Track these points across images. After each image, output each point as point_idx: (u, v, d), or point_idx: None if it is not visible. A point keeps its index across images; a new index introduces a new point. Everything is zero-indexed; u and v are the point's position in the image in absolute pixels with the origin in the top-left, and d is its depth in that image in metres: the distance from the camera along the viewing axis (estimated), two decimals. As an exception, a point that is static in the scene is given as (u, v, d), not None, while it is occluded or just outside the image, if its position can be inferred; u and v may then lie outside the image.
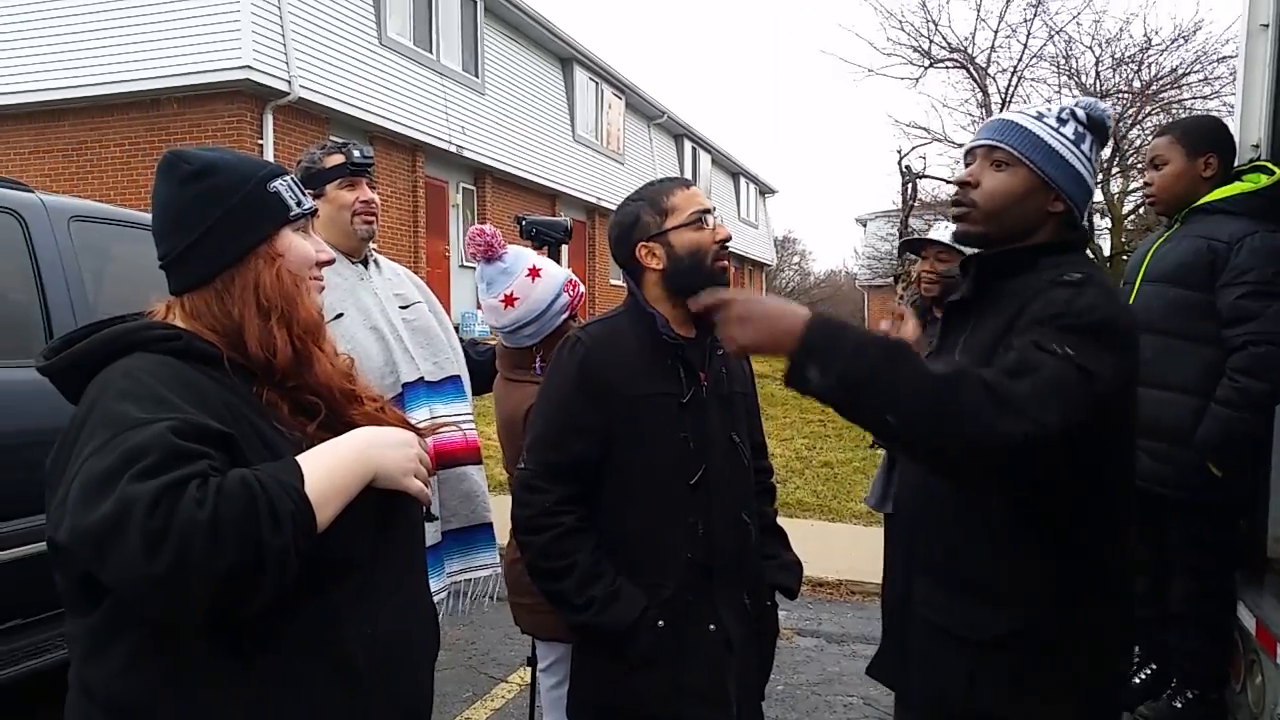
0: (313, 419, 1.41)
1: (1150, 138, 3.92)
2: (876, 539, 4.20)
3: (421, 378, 2.64)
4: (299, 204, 1.48)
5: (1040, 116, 1.76)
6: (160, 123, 11.75)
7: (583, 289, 2.76)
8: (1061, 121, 1.76)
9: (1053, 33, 14.22)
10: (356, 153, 2.65)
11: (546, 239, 2.99)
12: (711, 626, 2.11)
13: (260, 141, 11.62)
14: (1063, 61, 14.65)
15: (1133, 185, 14.63)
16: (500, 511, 2.67)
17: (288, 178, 1.49)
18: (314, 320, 1.46)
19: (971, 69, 14.53)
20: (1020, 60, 14.16)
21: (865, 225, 31.54)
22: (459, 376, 2.76)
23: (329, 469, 1.28)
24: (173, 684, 1.26)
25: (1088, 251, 1.92)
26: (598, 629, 2.06)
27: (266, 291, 1.41)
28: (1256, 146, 3.08)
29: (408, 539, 1.51)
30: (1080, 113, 1.76)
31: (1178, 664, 3.07)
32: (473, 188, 16.67)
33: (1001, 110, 11.29)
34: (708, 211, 2.15)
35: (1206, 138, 3.08)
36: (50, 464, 1.29)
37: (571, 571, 2.05)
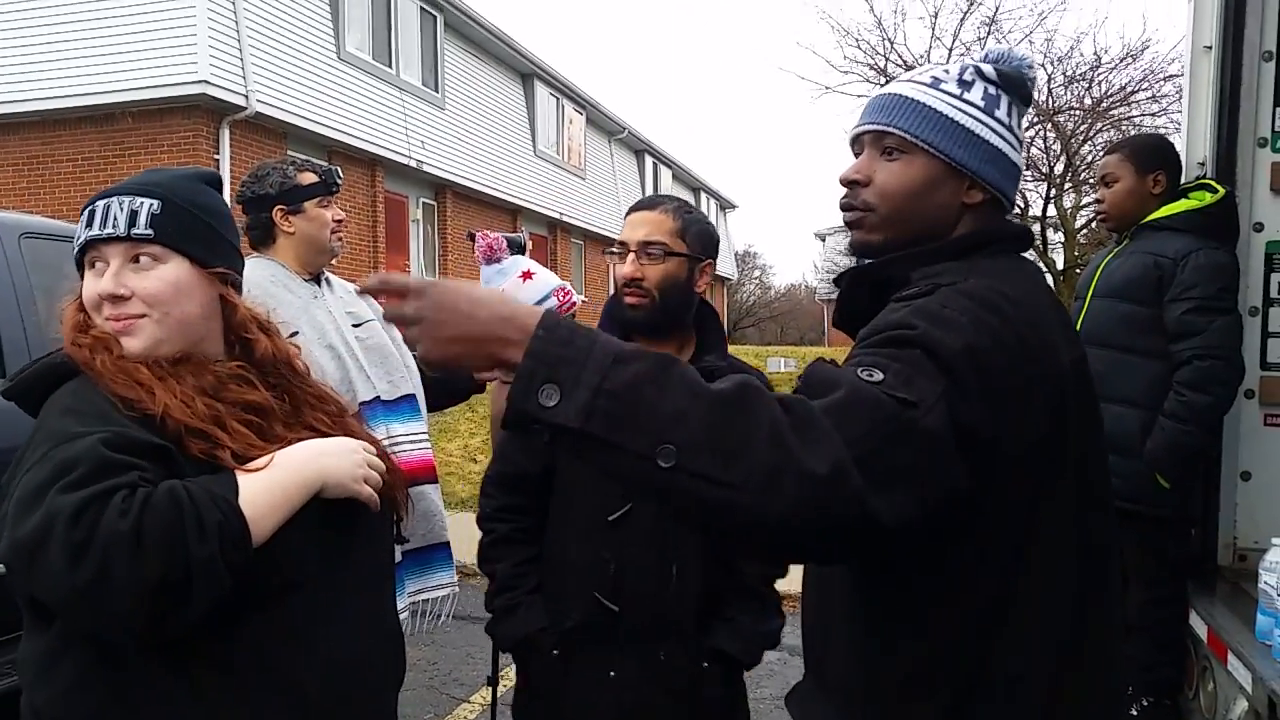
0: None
1: (1101, 154, 4.02)
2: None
3: (378, 396, 2.64)
4: (76, 240, 1.40)
5: (936, 83, 1.36)
6: (115, 137, 11.59)
7: (577, 299, 2.85)
8: (965, 85, 1.36)
9: (1006, 51, 14.47)
10: (326, 169, 2.76)
11: None
12: (611, 673, 2.01)
13: (216, 156, 11.48)
14: (1016, 79, 14.92)
15: (1085, 200, 14.92)
16: (463, 526, 2.66)
17: (87, 211, 1.40)
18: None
19: (927, 86, 14.70)
20: (974, 77, 14.37)
21: (824, 240, 31.86)
22: (414, 395, 2.76)
23: (268, 481, 1.28)
24: (118, 704, 1.25)
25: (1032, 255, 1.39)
26: (493, 639, 2.15)
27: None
28: (1202, 164, 3.17)
29: (369, 559, 1.49)
30: (989, 69, 1.36)
31: (1133, 672, 3.12)
32: (433, 202, 16.59)
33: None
34: (621, 244, 2.06)
35: (1155, 155, 3.16)
36: (4, 483, 1.29)
37: (492, 578, 2.12)
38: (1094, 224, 13.94)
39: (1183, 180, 3.15)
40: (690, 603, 2.02)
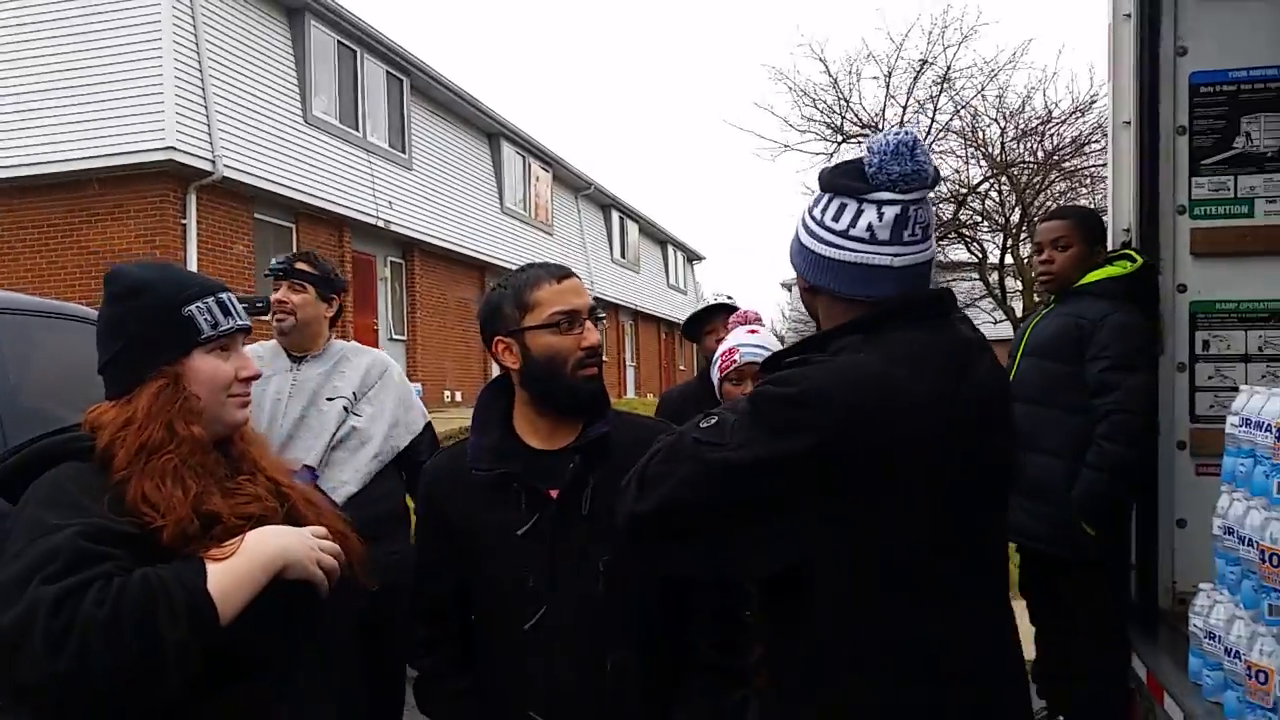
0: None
1: (1041, 217, 4.25)
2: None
3: None
4: (215, 325, 1.53)
5: (808, 209, 1.54)
6: (81, 204, 11.55)
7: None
8: (816, 201, 1.52)
9: (959, 107, 14.87)
10: (274, 260, 3.07)
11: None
12: None
13: (183, 221, 11.50)
14: (970, 134, 15.32)
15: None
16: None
17: (211, 299, 1.54)
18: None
19: (883, 142, 14.99)
20: (929, 133, 14.75)
21: (790, 289, 32.22)
22: (313, 468, 2.92)
23: (232, 564, 1.36)
24: None
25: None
26: None
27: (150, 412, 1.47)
28: (1128, 231, 3.35)
29: (331, 636, 1.56)
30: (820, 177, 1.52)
31: (1079, 715, 3.23)
32: (401, 261, 16.68)
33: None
34: (575, 313, 1.83)
35: (1099, 228, 3.42)
36: None
37: (435, 717, 1.93)
38: (1036, 284, 14.22)
39: (1109, 247, 3.35)
40: (635, 697, 1.82)
